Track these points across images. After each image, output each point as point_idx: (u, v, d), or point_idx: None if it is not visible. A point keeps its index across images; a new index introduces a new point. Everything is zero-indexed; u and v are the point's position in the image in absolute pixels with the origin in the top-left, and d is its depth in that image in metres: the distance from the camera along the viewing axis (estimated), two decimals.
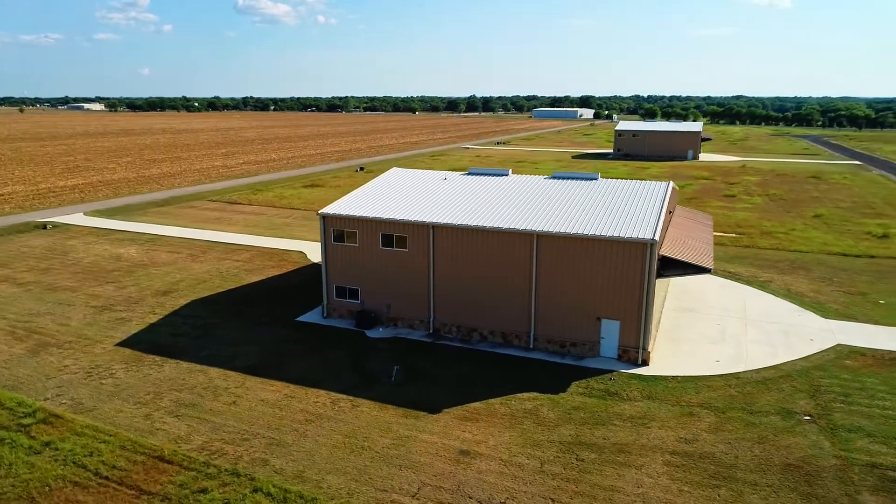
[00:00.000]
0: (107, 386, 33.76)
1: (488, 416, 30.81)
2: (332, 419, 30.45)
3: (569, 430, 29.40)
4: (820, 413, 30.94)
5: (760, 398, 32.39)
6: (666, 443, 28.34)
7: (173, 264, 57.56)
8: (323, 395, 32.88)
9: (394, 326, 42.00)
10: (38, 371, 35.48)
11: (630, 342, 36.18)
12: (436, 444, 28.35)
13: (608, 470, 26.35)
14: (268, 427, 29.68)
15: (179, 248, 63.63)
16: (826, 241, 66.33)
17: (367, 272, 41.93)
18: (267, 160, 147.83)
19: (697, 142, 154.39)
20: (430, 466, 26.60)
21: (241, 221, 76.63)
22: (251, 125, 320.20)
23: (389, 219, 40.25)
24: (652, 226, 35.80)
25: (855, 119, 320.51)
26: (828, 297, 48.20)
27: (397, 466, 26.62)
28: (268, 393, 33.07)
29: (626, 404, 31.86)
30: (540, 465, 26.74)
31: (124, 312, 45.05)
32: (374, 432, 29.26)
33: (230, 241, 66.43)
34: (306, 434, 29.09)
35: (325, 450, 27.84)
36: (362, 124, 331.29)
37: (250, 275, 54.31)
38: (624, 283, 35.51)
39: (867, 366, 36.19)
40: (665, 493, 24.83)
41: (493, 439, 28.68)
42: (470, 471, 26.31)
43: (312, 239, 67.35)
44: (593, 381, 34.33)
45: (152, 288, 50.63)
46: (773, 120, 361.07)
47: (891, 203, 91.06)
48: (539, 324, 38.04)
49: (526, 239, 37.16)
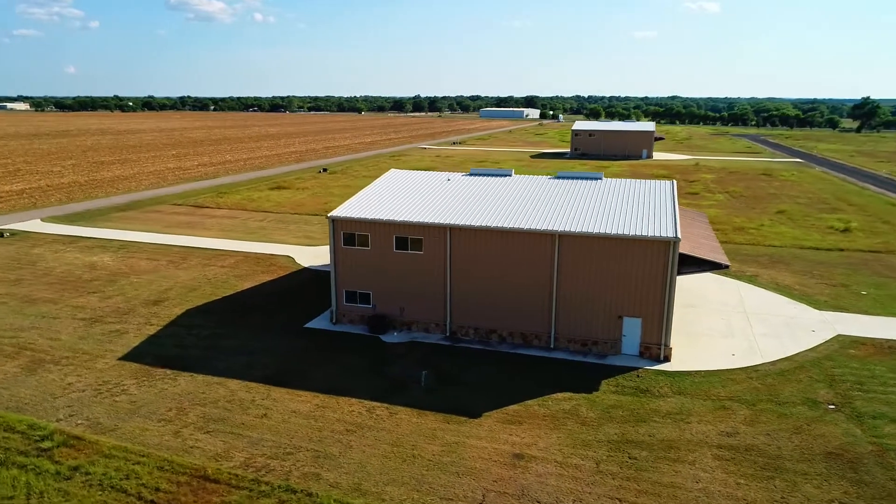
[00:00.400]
0: (122, 403, 31.85)
1: (529, 418, 30.70)
2: (373, 428, 29.67)
3: (613, 429, 29.62)
4: (842, 401, 32.26)
5: (784, 389, 33.50)
6: (709, 437, 28.93)
7: (155, 272, 54.95)
8: (356, 403, 32.01)
9: (407, 330, 41.34)
10: (40, 390, 33.15)
11: (652, 339, 36.78)
12: (486, 448, 28.03)
13: (663, 466, 26.68)
14: (309, 439, 28.66)
15: (156, 254, 60.81)
16: (796, 236, 69.38)
17: (379, 276, 41.11)
18: (222, 162, 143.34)
19: (651, 141, 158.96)
20: (487, 472, 26.26)
21: (216, 226, 73.93)
22: (194, 125, 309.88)
23: (404, 221, 39.58)
24: (672, 224, 36.51)
25: (787, 119, 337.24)
26: (814, 290, 50.38)
27: (454, 474, 26.16)
28: (298, 404, 31.94)
29: (660, 401, 32.36)
30: (596, 465, 26.82)
31: (117, 324, 42.67)
32: (420, 440, 28.68)
33: (209, 246, 63.96)
34: (351, 445, 28.24)
35: (375, 460, 27.10)
36: (310, 124, 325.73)
37: (242, 281, 52.43)
38: (646, 281, 36.07)
39: (871, 354, 37.98)
40: (724, 486, 25.32)
41: (542, 441, 28.59)
42: (529, 474, 26.12)
43: (294, 242, 65.68)
44: (622, 379, 34.73)
45: (140, 297, 48.17)
46: (710, 119, 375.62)
47: (842, 199, 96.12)
48: (560, 323, 38.20)
49: (547, 239, 37.24)
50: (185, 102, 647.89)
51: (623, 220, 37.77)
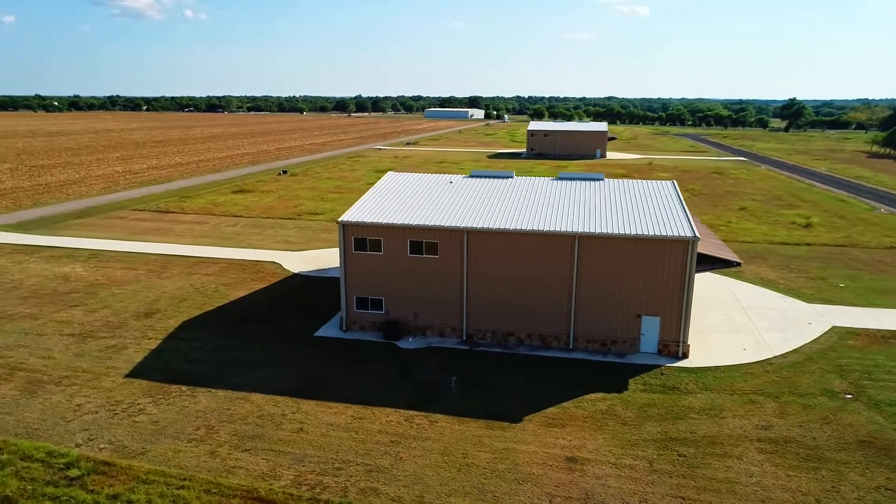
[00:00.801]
0: (143, 424, 30.04)
1: (569, 420, 30.77)
2: (418, 438, 29.06)
3: (654, 428, 30.04)
4: (856, 391, 33.80)
5: (801, 381, 34.83)
6: (747, 431, 29.74)
7: (137, 282, 52.20)
8: (392, 413, 31.27)
9: (422, 336, 40.76)
10: (48, 413, 30.87)
11: (670, 336, 37.55)
12: (537, 453, 27.90)
13: (714, 462, 27.24)
14: (355, 453, 27.79)
15: (133, 263, 57.79)
16: (764, 232, 72.44)
17: (392, 281, 40.35)
18: (173, 165, 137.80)
19: (604, 141, 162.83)
20: (546, 477, 26.14)
21: (188, 232, 70.92)
22: (131, 126, 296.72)
23: (419, 225, 38.98)
24: (688, 224, 37.38)
25: (720, 119, 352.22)
26: (797, 284, 52.70)
27: (514, 481, 25.92)
28: (332, 416, 30.94)
29: (690, 397, 33.06)
30: (649, 464, 27.12)
31: (112, 339, 40.27)
32: (469, 447, 28.28)
33: (187, 253, 61.29)
34: (401, 456, 27.56)
35: (429, 471, 26.53)
36: (254, 125, 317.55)
37: (233, 289, 50.46)
38: (665, 280, 36.80)
39: (868, 344, 39.98)
40: (775, 479, 26.06)
41: (590, 443, 28.70)
42: (587, 477, 26.16)
43: (276, 248, 63.77)
44: (647, 377, 35.30)
45: (128, 310, 45.64)
46: (649, 120, 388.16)
47: (794, 196, 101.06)
48: (579, 324, 38.50)
49: (567, 240, 37.45)
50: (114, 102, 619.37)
51: (638, 220, 38.39)
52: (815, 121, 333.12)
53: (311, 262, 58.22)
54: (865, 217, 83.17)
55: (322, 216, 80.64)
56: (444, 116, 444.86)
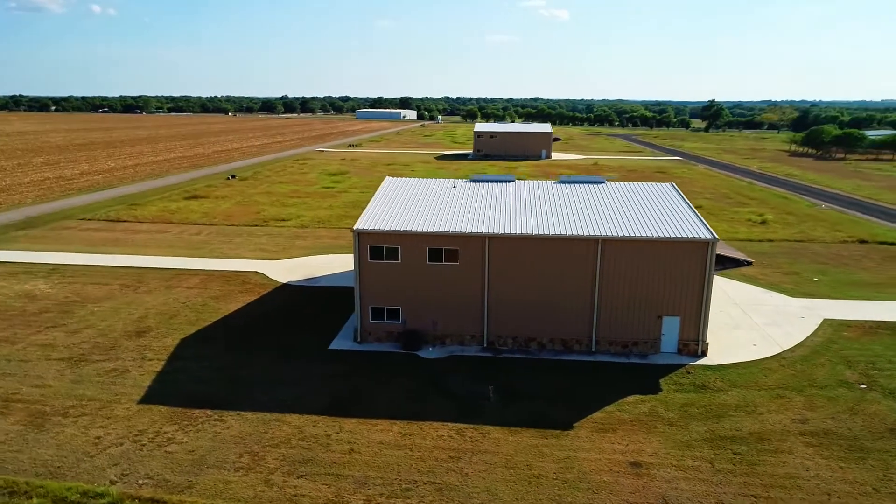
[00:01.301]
0: (178, 454, 27.87)
1: (618, 424, 30.90)
2: (476, 451, 28.38)
3: (700, 428, 30.60)
4: (868, 381, 35.68)
5: (816, 374, 36.45)
6: (786, 426, 30.78)
7: (113, 298, 48.60)
8: (439, 427, 30.42)
9: (441, 345, 39.97)
10: (66, 449, 28.12)
11: (690, 336, 38.45)
12: (599, 460, 27.83)
13: (769, 459, 28.00)
14: (418, 472, 26.81)
15: (101, 278, 53.79)
16: (725, 229, 75.64)
17: (410, 290, 39.34)
18: (108, 170, 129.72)
19: (549, 142, 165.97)
20: (618, 485, 26.08)
21: (151, 242, 66.78)
22: (45, 128, 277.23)
23: (439, 232, 38.19)
24: (703, 225, 38.37)
25: (646, 119, 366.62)
26: (775, 279, 55.29)
27: (588, 490, 25.71)
28: (379, 434, 29.76)
29: (723, 395, 33.93)
30: (710, 465, 27.57)
31: (108, 362, 37.24)
32: (531, 458, 27.87)
33: (159, 265, 57.68)
34: (465, 472, 26.81)
35: (500, 485, 25.93)
36: (181, 126, 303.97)
37: (222, 303, 47.84)
38: (686, 281, 37.64)
39: (861, 336, 42.36)
40: (831, 471, 27.06)
41: (647, 447, 28.90)
42: (658, 482, 26.29)
43: (253, 257, 61.06)
44: (676, 377, 35.98)
45: (115, 329, 42.39)
46: (578, 120, 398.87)
47: (740, 193, 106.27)
48: (601, 327, 38.80)
49: (590, 244, 37.66)
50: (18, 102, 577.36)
51: (655, 222, 39.09)
52: (731, 121, 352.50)
53: (297, 272, 56.07)
54: (810, 213, 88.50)
55: (290, 223, 77.93)
56: (376, 117, 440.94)
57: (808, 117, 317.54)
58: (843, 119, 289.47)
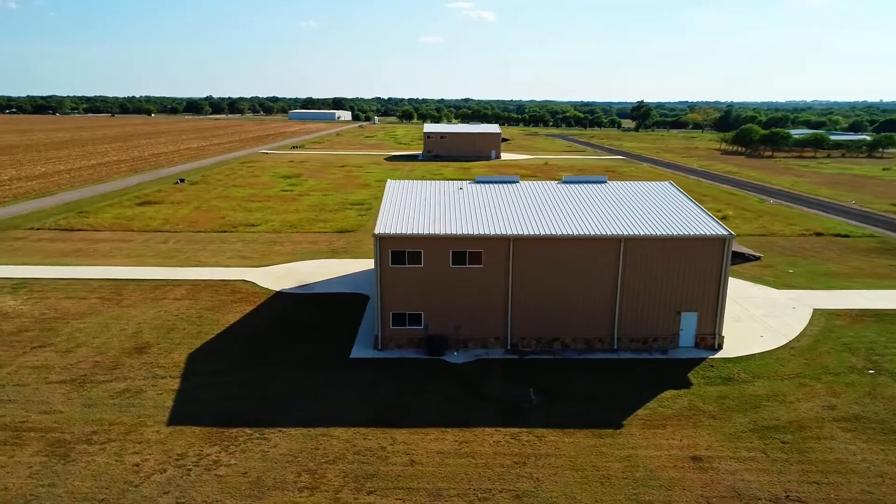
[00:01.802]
0: (231, 477, 26.23)
1: (664, 420, 31.42)
2: (538, 455, 28.15)
3: (742, 419, 31.54)
4: (873, 366, 37.82)
5: (827, 362, 38.31)
6: (818, 413, 32.17)
7: (97, 313, 45.33)
8: (493, 432, 30.00)
9: (465, 349, 39.47)
10: (104, 480, 25.90)
11: (707, 330, 39.61)
12: (660, 456, 28.19)
13: (815, 445, 29.15)
14: (489, 480, 26.32)
15: (76, 291, 50.07)
16: None
17: (432, 294, 38.66)
18: (40, 175, 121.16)
19: (499, 142, 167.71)
20: (688, 480, 26.47)
21: (116, 251, 62.78)
22: None
23: (463, 234, 37.71)
24: (716, 222, 39.63)
25: (580, 119, 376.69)
26: (756, 272, 57.84)
27: (661, 488, 25.97)
28: (435, 443, 29.04)
29: (750, 386, 35.12)
30: (765, 455, 28.43)
31: (117, 382, 34.67)
32: (594, 459, 27.90)
33: (136, 276, 54.29)
34: (536, 477, 26.54)
35: (575, 488, 25.83)
36: (105, 128, 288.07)
37: (219, 314, 45.51)
38: (703, 276, 38.75)
39: (852, 323, 44.88)
40: (876, 455, 28.45)
41: (699, 440, 29.50)
42: (724, 475, 26.86)
43: (234, 264, 58.50)
44: (701, 371, 36.97)
45: (111, 346, 39.55)
46: (514, 121, 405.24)
47: (692, 191, 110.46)
48: (623, 324, 39.37)
49: (613, 244, 38.15)
50: None
51: (669, 220, 40.02)
52: (659, 121, 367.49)
53: (286, 279, 54.10)
54: (762, 208, 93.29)
55: (260, 228, 75.16)
56: (311, 118, 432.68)
57: (729, 117, 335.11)
58: (761, 119, 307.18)
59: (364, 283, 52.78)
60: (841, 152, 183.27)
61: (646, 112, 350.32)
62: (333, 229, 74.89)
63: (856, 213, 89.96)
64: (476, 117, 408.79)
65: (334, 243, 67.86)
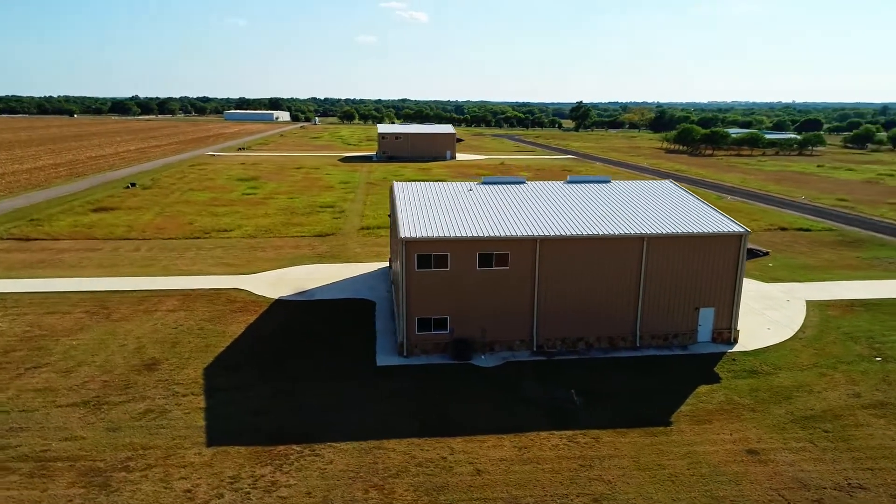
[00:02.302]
0: (295, 498, 24.83)
1: (708, 414, 31.95)
2: (600, 457, 28.03)
3: (779, 410, 32.46)
4: (878, 353, 39.75)
5: (835, 351, 39.99)
6: (846, 401, 33.48)
7: (89, 329, 42.24)
8: (549, 436, 29.70)
9: (491, 352, 38.99)
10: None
11: (723, 325, 40.63)
12: (718, 451, 28.61)
13: (855, 433, 30.29)
14: (561, 484, 25.97)
15: (57, 306, 46.52)
16: None
17: (458, 297, 37.99)
18: None
19: (454, 143, 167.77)
20: (753, 474, 26.94)
21: (86, 262, 58.80)
22: None
23: (490, 236, 37.24)
24: (728, 219, 40.70)
25: (521, 120, 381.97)
26: None
27: (731, 482, 26.33)
28: (493, 451, 28.46)
29: (775, 378, 36.21)
30: (813, 444, 29.30)
31: (134, 402, 32.31)
32: (655, 457, 28.02)
33: (117, 287, 50.97)
34: (606, 479, 26.39)
35: (648, 488, 25.83)
36: (26, 130, 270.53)
37: (222, 325, 43.29)
38: (720, 272, 39.73)
39: (845, 314, 47.09)
40: None
41: (749, 433, 30.13)
42: (783, 466, 27.49)
43: (217, 272, 55.85)
44: (725, 365, 37.86)
45: (117, 363, 36.89)
46: (456, 121, 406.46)
47: None
48: (645, 322, 39.86)
49: (636, 242, 38.56)
50: None
51: (685, 218, 40.82)
52: (598, 121, 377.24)
53: (281, 286, 52.08)
54: (722, 205, 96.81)
55: (234, 233, 72.18)
56: (248, 119, 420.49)
57: (664, 118, 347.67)
58: (694, 119, 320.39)
59: (364, 288, 51.47)
60: (775, 150, 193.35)
61: (585, 112, 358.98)
62: (311, 233, 72.74)
63: (809, 208, 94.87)
64: (418, 118, 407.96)
65: (318, 248, 65.91)
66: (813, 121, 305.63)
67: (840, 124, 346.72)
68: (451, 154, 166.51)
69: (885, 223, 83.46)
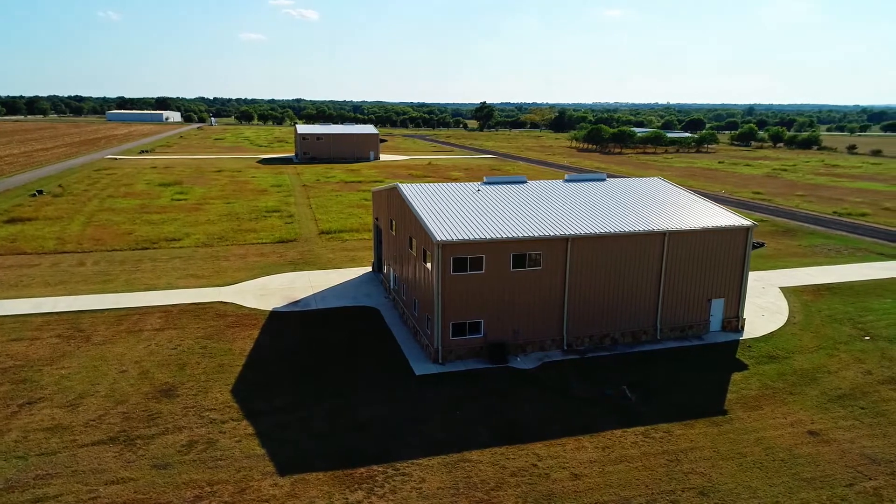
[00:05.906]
0: None
1: (754, 400, 33.32)
2: (682, 451, 28.43)
3: (812, 392, 34.44)
4: (866, 333, 43.24)
5: (829, 333, 43.06)
6: (863, 378, 36.10)
7: (73, 355, 37.44)
8: (623, 434, 29.76)
9: (524, 353, 38.55)
10: None
11: (732, 314, 42.59)
12: (784, 436, 29.86)
13: (888, 408, 32.69)
14: (661, 481, 26.06)
15: (19, 332, 40.88)
16: None
17: (492, 300, 37.25)
18: None
19: (377, 143, 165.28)
20: (824, 453, 28.32)
21: (26, 279, 52.18)
22: None
23: (525, 237, 36.80)
24: (731, 213, 42.72)
25: (426, 120, 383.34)
26: None
27: (812, 464, 27.52)
28: (579, 453, 28.09)
29: (792, 361, 38.41)
30: (860, 421, 31.29)
31: (172, 434, 28.94)
32: (732, 447, 28.79)
33: (85, 307, 45.62)
34: (704, 473, 26.79)
35: (741, 476, 26.47)
36: None
37: (226, 342, 39.90)
38: (729, 264, 41.62)
39: (818, 298, 50.87)
40: None
41: (799, 416, 31.70)
42: (845, 444, 29.13)
43: (191, 285, 51.59)
44: (745, 352, 39.69)
45: (127, 392, 32.92)
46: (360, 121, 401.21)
47: None
48: (664, 315, 40.98)
49: (659, 238, 39.55)
50: None
51: (694, 213, 42.41)
52: (501, 121, 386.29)
53: (269, 297, 48.86)
54: None
55: (184, 242, 66.92)
56: (135, 119, 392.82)
57: (563, 118, 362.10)
58: (591, 119, 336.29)
59: (360, 295, 49.34)
60: (675, 148, 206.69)
61: (489, 113, 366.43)
62: (271, 240, 68.91)
63: (732, 201, 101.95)
64: (321, 118, 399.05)
65: (286, 255, 62.49)
66: (696, 121, 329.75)
67: (719, 123, 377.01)
68: (374, 154, 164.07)
69: (803, 213, 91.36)
